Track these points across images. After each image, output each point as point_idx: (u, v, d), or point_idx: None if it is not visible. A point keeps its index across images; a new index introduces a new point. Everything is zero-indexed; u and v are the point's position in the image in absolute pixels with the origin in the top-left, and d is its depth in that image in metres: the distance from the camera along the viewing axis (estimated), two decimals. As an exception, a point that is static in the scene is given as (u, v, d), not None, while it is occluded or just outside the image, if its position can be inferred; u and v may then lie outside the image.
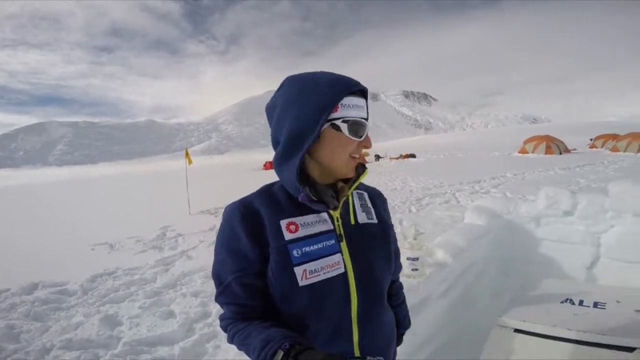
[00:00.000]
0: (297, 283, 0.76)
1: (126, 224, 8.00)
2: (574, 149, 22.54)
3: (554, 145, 20.61)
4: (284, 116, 0.81)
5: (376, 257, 0.87)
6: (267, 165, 25.83)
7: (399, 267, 1.08)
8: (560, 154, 20.17)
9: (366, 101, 0.84)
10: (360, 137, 0.82)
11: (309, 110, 0.78)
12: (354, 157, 0.83)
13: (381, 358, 0.68)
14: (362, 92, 0.83)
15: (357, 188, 0.95)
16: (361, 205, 0.91)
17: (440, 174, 13.47)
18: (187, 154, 10.37)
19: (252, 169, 27.12)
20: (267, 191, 0.86)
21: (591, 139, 27.59)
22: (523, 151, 21.71)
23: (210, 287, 3.96)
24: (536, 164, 15.08)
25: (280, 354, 0.64)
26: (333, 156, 0.81)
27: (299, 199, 0.79)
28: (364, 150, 0.88)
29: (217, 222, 7.52)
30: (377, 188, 1.03)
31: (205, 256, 5.21)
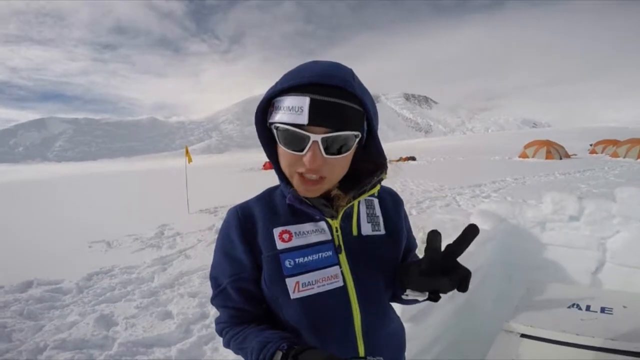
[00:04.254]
0: (289, 295, 0.72)
1: (124, 222, 7.94)
2: (574, 154, 22.57)
3: (554, 150, 20.63)
4: None
5: (380, 270, 0.80)
6: (267, 166, 25.76)
7: (414, 244, 0.96)
8: (561, 159, 20.18)
9: (331, 101, 0.63)
10: (295, 149, 0.66)
11: (257, 113, 0.74)
12: (300, 174, 0.69)
13: (380, 358, 0.65)
14: (312, 89, 0.63)
15: None
16: (368, 214, 0.83)
17: (440, 177, 13.44)
18: (187, 152, 10.32)
19: (251, 168, 27.09)
20: (266, 196, 0.82)
21: (591, 145, 27.64)
22: (523, 155, 21.73)
23: (209, 288, 3.92)
24: (536, 168, 15.07)
25: (279, 355, 0.62)
26: (283, 167, 0.73)
27: (287, 201, 0.75)
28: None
29: (216, 221, 7.47)
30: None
31: (203, 256, 5.15)
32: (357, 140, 0.70)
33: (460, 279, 0.66)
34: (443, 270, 0.67)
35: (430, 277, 0.68)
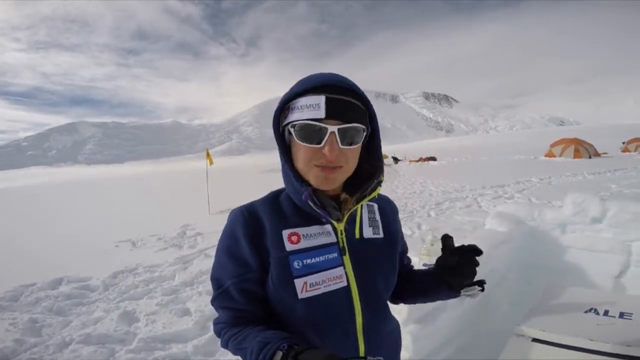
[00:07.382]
0: (297, 295, 0.75)
1: (149, 222, 8.22)
2: (605, 153, 21.51)
3: (582, 149, 19.75)
4: None
5: (380, 271, 0.85)
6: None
7: (406, 247, 1.04)
8: (590, 157, 19.29)
9: (343, 98, 0.72)
10: (313, 142, 0.72)
11: (274, 117, 0.81)
12: (318, 166, 0.74)
13: (381, 358, 0.67)
14: (325, 89, 0.72)
15: None
16: (369, 219, 0.89)
17: (461, 177, 13.16)
18: (207, 154, 10.56)
19: (271, 169, 27.40)
20: (273, 199, 0.85)
21: (624, 143, 26.22)
22: (550, 155, 20.93)
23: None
24: (564, 168, 14.50)
25: (279, 355, 0.63)
26: (298, 164, 0.78)
27: (302, 197, 0.77)
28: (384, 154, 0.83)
29: (235, 222, 7.62)
30: (391, 194, 1.00)
31: (222, 255, 5.28)
32: (364, 135, 0.77)
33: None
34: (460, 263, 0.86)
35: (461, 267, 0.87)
